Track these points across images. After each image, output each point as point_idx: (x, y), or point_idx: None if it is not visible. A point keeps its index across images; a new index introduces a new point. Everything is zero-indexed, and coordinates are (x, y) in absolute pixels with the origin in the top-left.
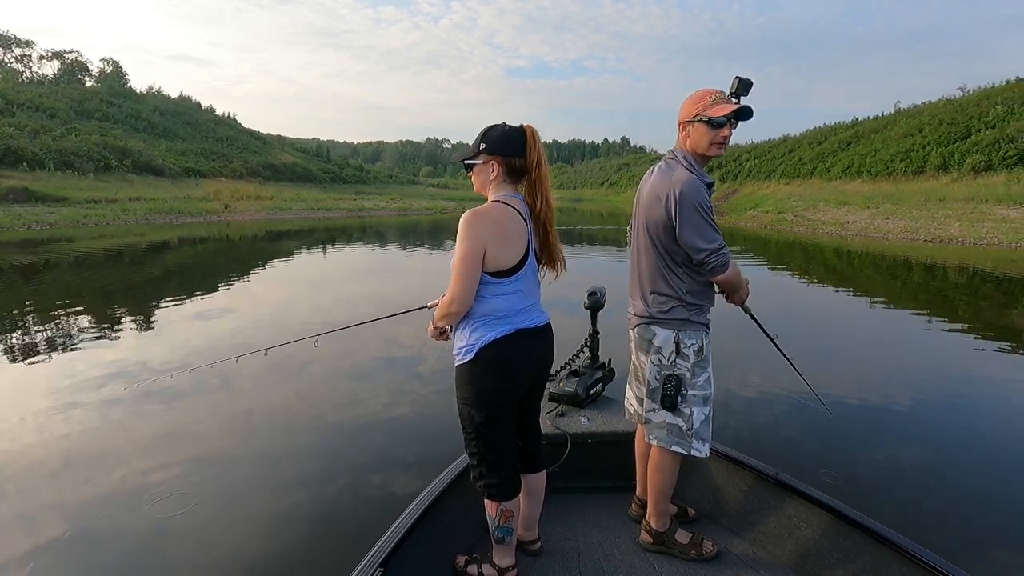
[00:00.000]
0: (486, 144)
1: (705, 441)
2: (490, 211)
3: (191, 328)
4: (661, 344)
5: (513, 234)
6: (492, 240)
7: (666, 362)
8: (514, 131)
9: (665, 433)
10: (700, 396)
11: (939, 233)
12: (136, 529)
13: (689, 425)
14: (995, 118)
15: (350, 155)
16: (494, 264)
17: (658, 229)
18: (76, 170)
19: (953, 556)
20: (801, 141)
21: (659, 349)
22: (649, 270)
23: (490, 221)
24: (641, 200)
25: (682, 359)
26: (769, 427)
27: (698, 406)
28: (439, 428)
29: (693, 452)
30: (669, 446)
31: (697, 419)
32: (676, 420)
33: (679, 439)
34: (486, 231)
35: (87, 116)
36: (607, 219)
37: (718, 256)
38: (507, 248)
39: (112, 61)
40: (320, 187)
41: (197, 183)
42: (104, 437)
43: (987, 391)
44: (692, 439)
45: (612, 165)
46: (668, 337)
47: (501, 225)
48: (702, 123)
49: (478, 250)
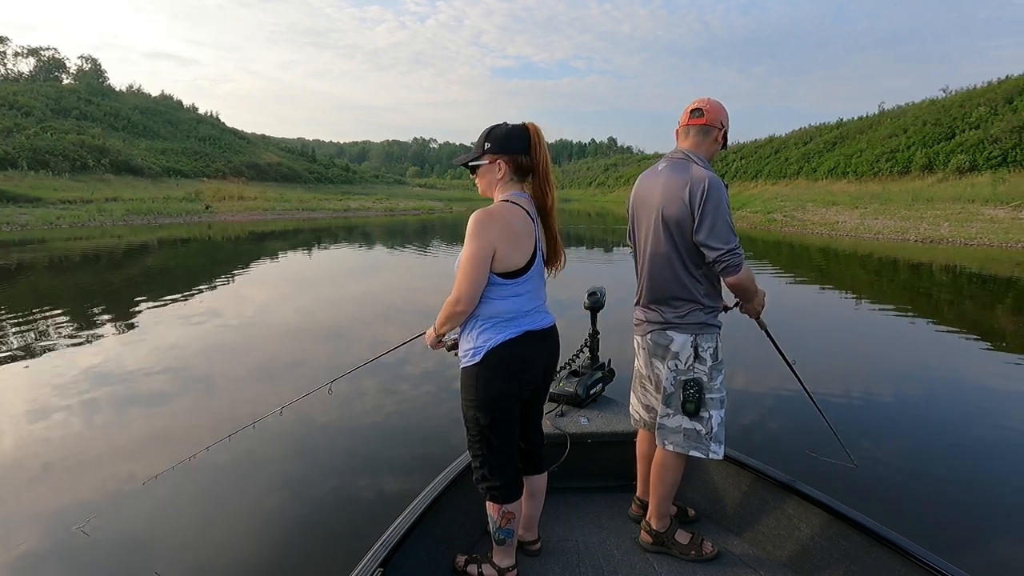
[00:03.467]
0: (491, 144)
1: (721, 443)
2: (501, 211)
3: (176, 334)
4: (679, 349)
5: (522, 234)
6: (502, 241)
7: (683, 367)
8: (517, 129)
9: (682, 438)
10: (717, 399)
11: (929, 233)
12: (134, 529)
13: (708, 429)
14: (978, 119)
15: (336, 155)
16: (503, 265)
17: (680, 227)
18: (51, 170)
19: (951, 551)
20: (787, 141)
21: (676, 354)
22: (665, 273)
23: (501, 221)
24: (651, 201)
25: (700, 363)
26: (769, 427)
27: (716, 409)
28: (436, 428)
29: (711, 455)
30: (687, 451)
31: (715, 422)
32: (694, 424)
33: (697, 443)
34: (496, 231)
35: (64, 114)
36: (595, 219)
37: (732, 256)
38: (516, 249)
39: (90, 58)
40: (305, 187)
41: (178, 183)
42: (98, 439)
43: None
44: (711, 442)
45: (600, 165)
46: (686, 342)
47: (511, 225)
48: (723, 135)
49: (487, 250)
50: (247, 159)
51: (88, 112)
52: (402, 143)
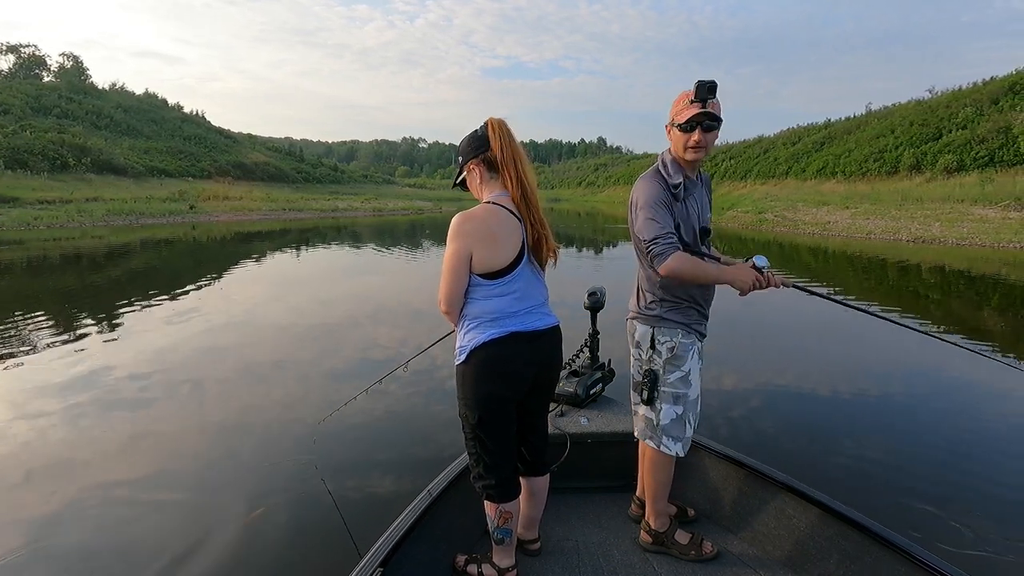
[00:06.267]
0: (462, 155)
1: (677, 440)
2: (478, 212)
3: (163, 337)
4: (640, 339)
5: (502, 235)
6: (479, 242)
7: (644, 357)
8: (479, 130)
9: (643, 426)
10: (670, 393)
11: (921, 233)
12: (134, 529)
13: (658, 420)
14: (964, 119)
15: (324, 154)
16: (483, 266)
17: (630, 230)
18: (30, 169)
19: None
20: (775, 142)
21: (639, 343)
22: (638, 269)
23: (477, 222)
24: None
25: (656, 355)
26: (769, 426)
27: (667, 403)
28: (436, 428)
29: (663, 449)
30: (644, 439)
31: (666, 416)
32: (650, 414)
33: (651, 433)
34: (473, 233)
35: (44, 112)
36: (584, 219)
37: (652, 245)
38: (496, 249)
39: (72, 56)
40: (293, 187)
41: (162, 183)
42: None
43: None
44: (661, 435)
45: (589, 165)
46: (646, 333)
47: (489, 226)
48: (675, 127)
49: (464, 252)
50: (233, 158)
51: (69, 110)
52: (391, 143)
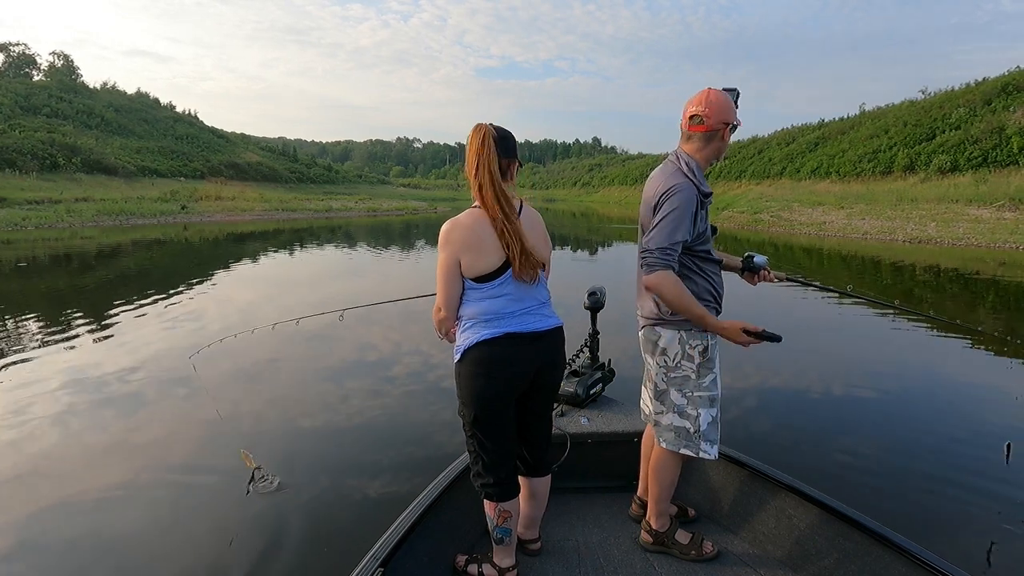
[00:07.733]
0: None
1: (714, 443)
2: (463, 219)
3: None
4: (666, 345)
5: (489, 240)
6: (466, 249)
7: (671, 363)
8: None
9: (673, 436)
10: (706, 397)
11: (917, 233)
12: (131, 530)
13: (696, 427)
14: (958, 120)
15: (318, 154)
16: (472, 270)
17: (641, 222)
18: (18, 169)
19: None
20: (770, 142)
21: (664, 350)
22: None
23: (462, 230)
24: (643, 199)
25: (687, 360)
26: (769, 426)
27: (704, 407)
28: (436, 428)
29: (701, 454)
30: (678, 448)
31: (704, 420)
32: (684, 423)
33: (687, 441)
34: (459, 241)
35: (33, 111)
36: (579, 219)
37: (647, 254)
38: (482, 254)
39: (63, 55)
40: (286, 187)
41: (153, 183)
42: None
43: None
44: (700, 441)
45: (584, 165)
46: (673, 338)
47: (474, 232)
48: (732, 129)
49: (452, 259)
50: (226, 158)
51: (59, 110)
52: (385, 142)
